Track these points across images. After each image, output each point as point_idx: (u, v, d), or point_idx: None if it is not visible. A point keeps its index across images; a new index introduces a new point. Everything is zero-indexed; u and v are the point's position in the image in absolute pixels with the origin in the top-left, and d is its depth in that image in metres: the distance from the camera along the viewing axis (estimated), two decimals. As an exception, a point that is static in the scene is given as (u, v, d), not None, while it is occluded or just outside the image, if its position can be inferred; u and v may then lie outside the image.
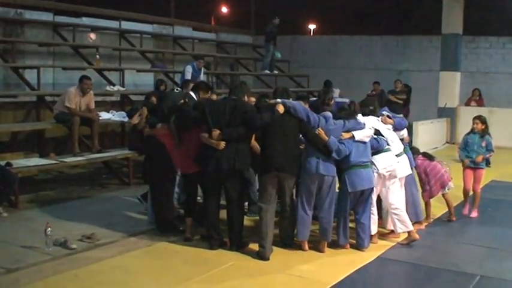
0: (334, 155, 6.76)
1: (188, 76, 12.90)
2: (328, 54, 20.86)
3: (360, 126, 7.09)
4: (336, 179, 6.94)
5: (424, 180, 8.22)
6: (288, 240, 7.05)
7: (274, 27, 18.09)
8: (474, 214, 8.78)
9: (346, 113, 7.26)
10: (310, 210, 6.91)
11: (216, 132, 6.66)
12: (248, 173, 7.69)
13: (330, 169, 6.78)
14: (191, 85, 9.18)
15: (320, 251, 6.95)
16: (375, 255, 6.92)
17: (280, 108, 6.69)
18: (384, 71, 19.42)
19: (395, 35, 20.40)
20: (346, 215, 7.02)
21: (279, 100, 6.82)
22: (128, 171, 10.53)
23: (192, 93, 7.56)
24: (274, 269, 6.39)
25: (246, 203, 7.96)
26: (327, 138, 6.73)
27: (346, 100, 8.19)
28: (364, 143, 7.03)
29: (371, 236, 7.23)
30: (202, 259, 6.59)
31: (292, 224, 7.03)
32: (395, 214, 7.28)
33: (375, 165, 7.11)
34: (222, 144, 6.64)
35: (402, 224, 7.27)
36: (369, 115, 7.44)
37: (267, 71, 18.17)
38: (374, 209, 7.26)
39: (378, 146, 7.21)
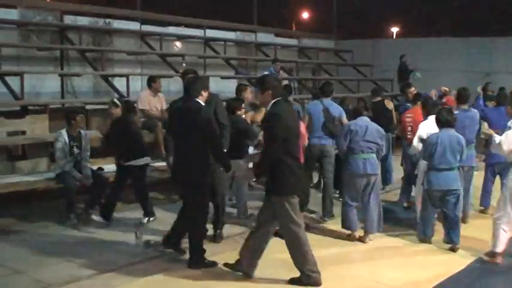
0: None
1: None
2: (411, 57, 20.40)
3: None
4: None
5: None
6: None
7: (404, 64, 17.86)
8: None
9: None
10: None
11: None
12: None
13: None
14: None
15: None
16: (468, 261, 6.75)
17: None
18: (469, 73, 18.83)
19: (481, 36, 19.73)
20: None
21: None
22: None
23: None
24: (362, 275, 6.33)
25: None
26: None
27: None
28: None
29: None
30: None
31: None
32: None
33: None
34: None
35: None
36: None
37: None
38: (506, 226, 6.61)
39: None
